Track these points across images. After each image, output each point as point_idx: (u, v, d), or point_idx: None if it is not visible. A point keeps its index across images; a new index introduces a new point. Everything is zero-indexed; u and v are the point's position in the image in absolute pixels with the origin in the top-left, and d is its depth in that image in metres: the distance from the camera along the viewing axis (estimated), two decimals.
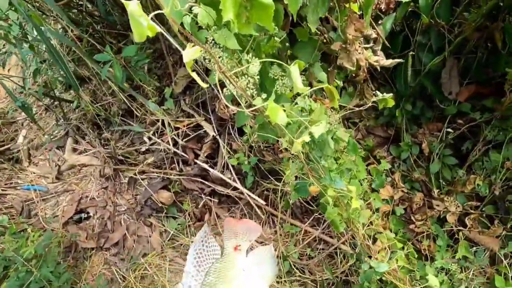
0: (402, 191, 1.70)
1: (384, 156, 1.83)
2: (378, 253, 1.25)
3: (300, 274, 1.67)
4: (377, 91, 1.22)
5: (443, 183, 1.65)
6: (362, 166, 1.36)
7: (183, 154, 1.94)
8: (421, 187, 1.73)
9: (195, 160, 1.91)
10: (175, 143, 1.97)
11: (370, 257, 1.26)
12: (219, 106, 1.81)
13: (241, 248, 0.97)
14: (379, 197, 1.26)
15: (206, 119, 1.90)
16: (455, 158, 1.62)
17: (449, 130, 1.66)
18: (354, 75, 1.24)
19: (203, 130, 1.91)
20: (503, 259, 1.47)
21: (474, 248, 1.53)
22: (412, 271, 1.32)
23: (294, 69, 0.71)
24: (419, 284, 1.26)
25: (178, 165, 1.98)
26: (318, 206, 1.70)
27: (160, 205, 1.97)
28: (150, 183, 1.99)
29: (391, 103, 1.17)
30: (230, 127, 1.83)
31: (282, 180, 1.72)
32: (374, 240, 1.51)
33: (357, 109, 1.28)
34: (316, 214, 1.78)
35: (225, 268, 0.91)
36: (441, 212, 1.60)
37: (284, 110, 0.88)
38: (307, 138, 0.81)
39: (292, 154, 1.17)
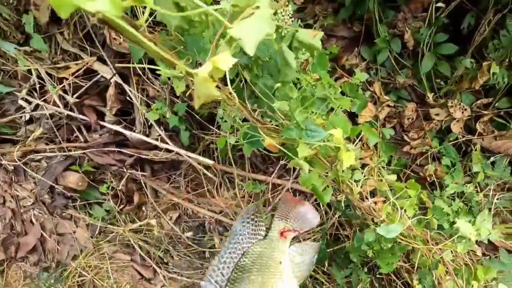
0: (388, 105, 1.26)
1: (355, 64, 1.35)
2: (383, 210, 0.83)
3: None
4: None
5: (440, 82, 1.22)
6: (332, 84, 0.87)
7: (81, 116, 1.34)
8: (411, 95, 1.30)
9: (101, 122, 1.33)
10: (67, 103, 1.36)
11: (372, 220, 0.85)
12: (110, 35, 1.18)
13: (287, 236, 0.87)
14: (375, 133, 0.81)
15: (99, 59, 1.27)
16: (454, 43, 1.17)
17: (440, 4, 1.17)
18: None
19: (100, 75, 1.30)
20: None
21: (491, 158, 1.17)
22: (425, 218, 0.94)
23: None
24: (442, 236, 0.89)
25: (81, 133, 1.39)
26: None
27: (71, 193, 1.43)
28: (49, 165, 1.41)
29: None
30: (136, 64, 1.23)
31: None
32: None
33: None
34: (283, 161, 1.33)
35: (264, 255, 0.83)
36: (442, 122, 1.20)
37: None
38: (228, 62, 0.29)
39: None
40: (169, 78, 1.21)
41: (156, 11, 0.43)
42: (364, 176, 0.78)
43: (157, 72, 1.24)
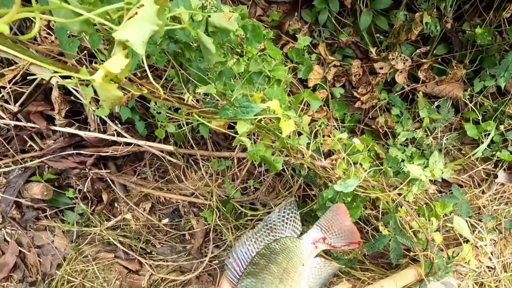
0: (335, 65, 1.29)
1: (298, 28, 1.36)
2: (338, 167, 0.88)
3: (252, 213, 1.32)
4: None
5: (381, 37, 1.26)
6: (277, 53, 0.89)
7: (30, 125, 1.30)
8: (355, 52, 1.33)
9: (52, 127, 1.29)
10: (15, 114, 1.30)
11: (329, 178, 0.90)
12: (40, 35, 1.13)
13: (318, 247, 0.87)
14: (317, 98, 0.84)
15: (36, 59, 1.21)
16: None
17: None
18: None
19: (41, 78, 1.24)
20: (468, 103, 1.22)
21: (436, 103, 1.24)
22: (380, 168, 1.00)
23: None
24: (399, 181, 0.96)
25: (34, 142, 1.35)
26: None
27: (39, 204, 1.40)
28: (8, 181, 1.37)
29: None
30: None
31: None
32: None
33: None
34: None
35: (292, 250, 0.84)
36: (387, 75, 1.25)
37: None
38: (119, 65, 0.30)
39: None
40: None
41: None
42: (315, 138, 0.82)
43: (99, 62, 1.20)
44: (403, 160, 1.21)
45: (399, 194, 0.92)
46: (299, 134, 0.81)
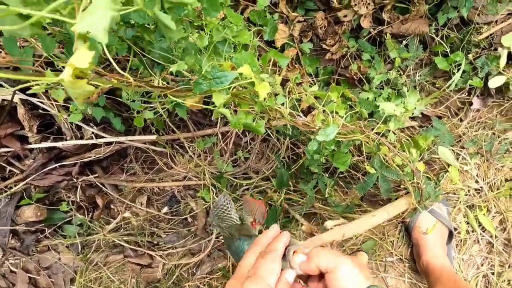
0: (299, 21, 1.27)
1: None
2: (316, 119, 0.89)
3: (247, 182, 1.34)
4: None
5: None
6: (238, 19, 0.87)
7: (3, 150, 1.25)
8: (317, 4, 1.31)
9: (27, 146, 1.25)
10: None
11: (311, 132, 0.91)
12: None
13: (256, 226, 0.95)
14: (283, 55, 0.83)
15: None
16: None
17: None
18: None
19: (1, 99, 1.19)
20: (435, 37, 1.23)
21: (404, 42, 1.25)
22: (355, 112, 1.02)
23: None
24: (374, 121, 0.98)
25: (13, 166, 1.31)
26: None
27: (36, 226, 1.38)
28: None
29: None
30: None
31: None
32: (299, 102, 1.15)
33: None
34: None
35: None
36: (352, 21, 1.25)
37: None
38: (86, 58, 0.29)
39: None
40: None
41: None
42: (289, 97, 0.82)
43: (59, 69, 1.15)
44: (375, 100, 1.22)
45: (378, 134, 0.94)
46: (276, 95, 0.81)
